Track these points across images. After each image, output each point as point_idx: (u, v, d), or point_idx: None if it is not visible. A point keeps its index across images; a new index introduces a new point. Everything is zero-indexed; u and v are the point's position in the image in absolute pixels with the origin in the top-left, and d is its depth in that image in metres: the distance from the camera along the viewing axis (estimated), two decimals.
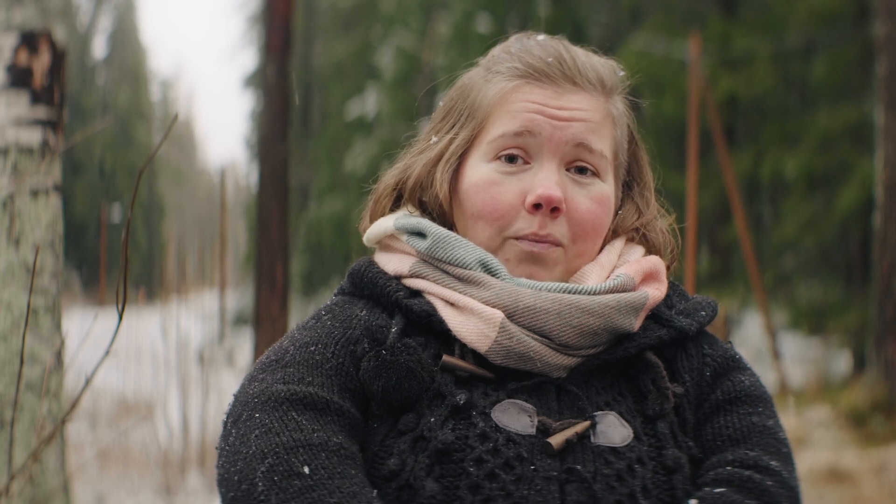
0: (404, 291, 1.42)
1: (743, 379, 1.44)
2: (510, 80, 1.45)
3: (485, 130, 1.45)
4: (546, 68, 1.44)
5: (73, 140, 3.34)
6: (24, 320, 2.80)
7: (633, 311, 1.39)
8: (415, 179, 1.50)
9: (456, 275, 1.40)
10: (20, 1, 3.11)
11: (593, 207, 1.43)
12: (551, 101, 1.43)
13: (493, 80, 1.47)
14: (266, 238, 10.25)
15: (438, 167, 1.47)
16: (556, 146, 1.41)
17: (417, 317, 1.39)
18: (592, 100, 1.45)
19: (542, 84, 1.44)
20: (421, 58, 21.50)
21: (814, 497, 7.34)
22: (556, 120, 1.41)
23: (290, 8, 10.41)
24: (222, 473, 1.29)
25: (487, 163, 1.43)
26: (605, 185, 1.45)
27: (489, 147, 1.44)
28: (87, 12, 42.70)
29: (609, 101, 1.47)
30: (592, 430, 1.32)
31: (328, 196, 23.62)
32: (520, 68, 1.45)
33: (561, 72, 1.44)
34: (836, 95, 15.36)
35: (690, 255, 12.53)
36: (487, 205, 1.42)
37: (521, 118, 1.42)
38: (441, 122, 1.52)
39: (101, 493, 7.34)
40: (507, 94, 1.44)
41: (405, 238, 1.46)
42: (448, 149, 1.47)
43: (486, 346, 1.34)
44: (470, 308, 1.36)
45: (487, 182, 1.42)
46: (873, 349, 10.25)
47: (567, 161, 1.43)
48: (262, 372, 1.37)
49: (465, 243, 1.41)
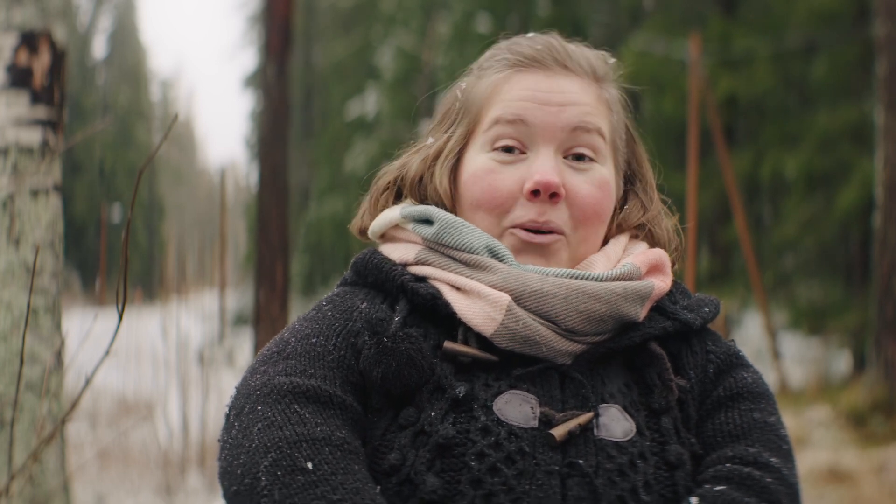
0: (410, 276, 1.42)
1: (745, 376, 1.44)
2: (501, 72, 1.46)
3: (480, 123, 1.46)
4: (536, 54, 1.45)
5: (73, 140, 3.34)
6: (24, 320, 2.80)
7: (640, 299, 1.39)
8: (414, 175, 1.51)
9: (462, 260, 1.40)
10: (20, 1, 3.11)
11: (593, 192, 1.43)
12: (542, 84, 1.43)
13: (485, 75, 1.48)
14: (266, 238, 10.25)
15: (437, 163, 1.49)
16: (550, 133, 1.42)
17: (423, 300, 1.38)
18: (584, 84, 1.46)
19: (534, 70, 1.45)
20: (421, 58, 21.51)
21: (814, 497, 7.34)
22: (548, 105, 1.42)
23: (290, 8, 10.41)
24: (225, 467, 1.28)
25: (485, 153, 1.44)
26: (604, 169, 1.45)
27: (485, 137, 1.45)
28: (87, 12, 42.70)
29: (601, 86, 1.48)
30: (595, 422, 1.32)
31: (328, 196, 23.62)
32: (510, 58, 1.47)
33: (551, 57, 1.45)
34: (836, 95, 15.36)
35: (690, 255, 12.52)
36: (486, 193, 1.42)
37: (514, 106, 1.43)
38: (438, 124, 1.53)
39: (101, 493, 7.34)
40: (499, 85, 1.46)
41: (411, 226, 1.46)
42: (446, 146, 1.49)
43: (492, 329, 1.34)
44: (476, 291, 1.36)
45: (485, 171, 1.43)
46: (873, 349, 10.24)
47: (565, 148, 1.43)
48: (264, 364, 1.37)
49: (473, 229, 1.41)
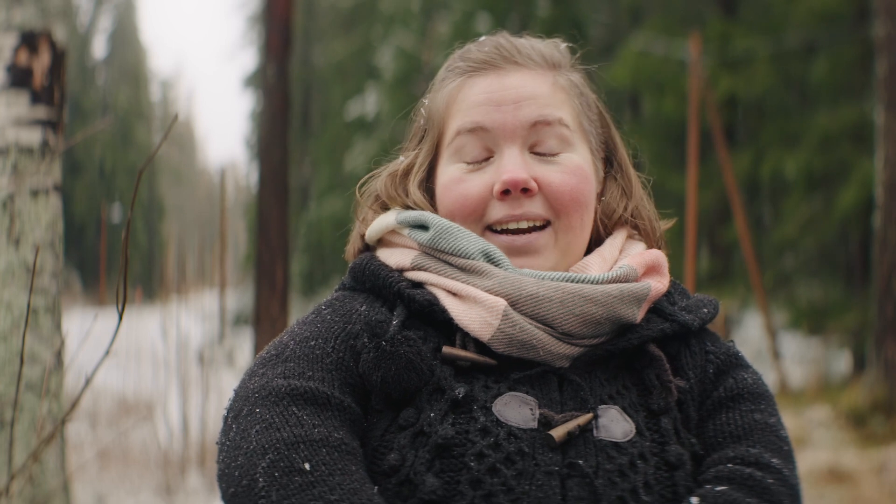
0: (406, 282, 1.42)
1: (745, 376, 1.44)
2: (455, 81, 1.48)
3: (444, 135, 1.48)
4: (485, 57, 1.47)
5: (73, 140, 3.34)
6: (24, 320, 2.80)
7: (636, 301, 1.39)
8: (387, 195, 1.52)
9: (458, 265, 1.40)
10: (20, 1, 3.11)
11: (566, 178, 1.43)
12: (495, 85, 1.44)
13: (443, 87, 1.50)
14: (266, 238, 10.25)
15: (409, 179, 1.51)
16: (511, 132, 1.42)
17: (419, 306, 1.38)
18: (537, 76, 1.46)
19: (485, 72, 1.46)
20: (421, 58, 21.49)
21: (814, 497, 7.34)
22: (503, 104, 1.43)
23: (290, 8, 10.41)
24: (223, 469, 1.28)
25: (453, 164, 1.46)
26: (574, 155, 1.45)
27: (451, 149, 1.46)
28: (87, 12, 42.71)
29: (557, 74, 1.48)
30: (595, 423, 1.32)
31: (328, 196, 23.61)
32: (462, 66, 1.48)
33: (500, 56, 1.46)
34: (836, 95, 15.35)
35: (690, 255, 12.52)
36: (457, 202, 1.44)
37: (471, 113, 1.44)
38: (409, 142, 1.56)
39: (101, 493, 7.34)
40: (454, 94, 1.47)
41: (407, 231, 1.46)
42: (415, 162, 1.52)
43: (489, 334, 1.34)
44: (473, 297, 1.36)
45: (454, 181, 1.45)
46: (873, 349, 10.24)
47: (530, 144, 1.43)
48: (263, 367, 1.37)
49: (468, 234, 1.42)
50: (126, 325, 2.22)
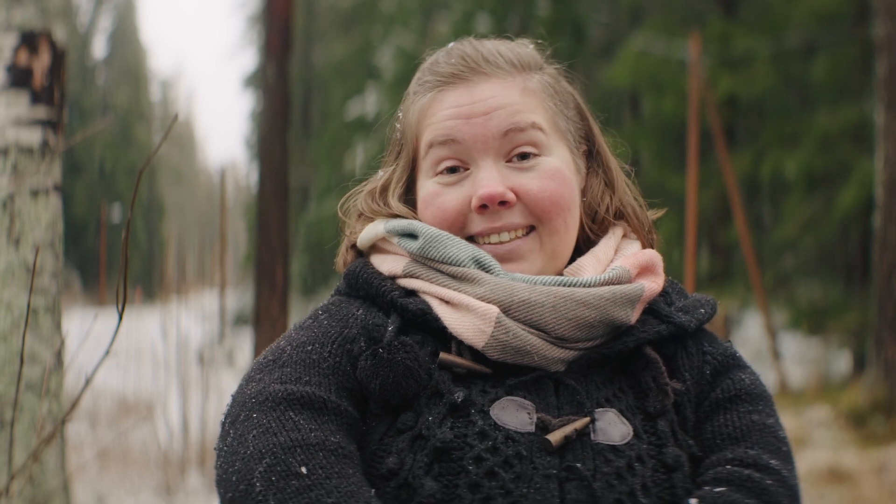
0: (399, 291, 1.42)
1: (743, 377, 1.43)
2: (425, 95, 1.48)
3: (419, 149, 1.48)
4: (452, 69, 1.46)
5: (73, 140, 3.34)
6: (24, 320, 2.80)
7: (630, 302, 1.39)
8: (371, 210, 1.52)
9: (449, 273, 1.40)
10: (20, 1, 3.11)
11: (544, 184, 1.42)
12: (464, 98, 1.44)
13: (415, 101, 1.50)
14: (266, 238, 10.25)
15: (388, 193, 1.51)
16: (484, 144, 1.42)
17: (413, 315, 1.39)
18: (505, 83, 1.45)
19: (454, 86, 1.45)
20: (421, 58, 21.48)
21: (814, 497, 7.34)
22: (473, 117, 1.42)
23: (290, 8, 10.41)
24: (220, 474, 1.29)
25: (430, 179, 1.46)
26: (551, 159, 1.44)
27: (426, 163, 1.46)
28: (87, 12, 42.70)
29: (526, 77, 1.47)
30: (592, 427, 1.32)
31: (328, 196, 23.60)
32: (431, 81, 1.48)
33: (467, 67, 1.46)
34: (836, 95, 15.35)
35: (690, 255, 12.52)
36: (436, 216, 1.44)
37: (442, 127, 1.44)
38: (388, 156, 1.56)
39: (101, 493, 7.34)
40: (426, 109, 1.47)
41: (396, 240, 1.46)
42: (393, 177, 1.52)
43: (483, 341, 1.34)
44: (465, 305, 1.36)
45: (431, 195, 1.45)
46: (873, 349, 10.24)
47: (504, 153, 1.43)
48: (260, 372, 1.37)
49: (458, 241, 1.42)
50: (126, 325, 2.22)
